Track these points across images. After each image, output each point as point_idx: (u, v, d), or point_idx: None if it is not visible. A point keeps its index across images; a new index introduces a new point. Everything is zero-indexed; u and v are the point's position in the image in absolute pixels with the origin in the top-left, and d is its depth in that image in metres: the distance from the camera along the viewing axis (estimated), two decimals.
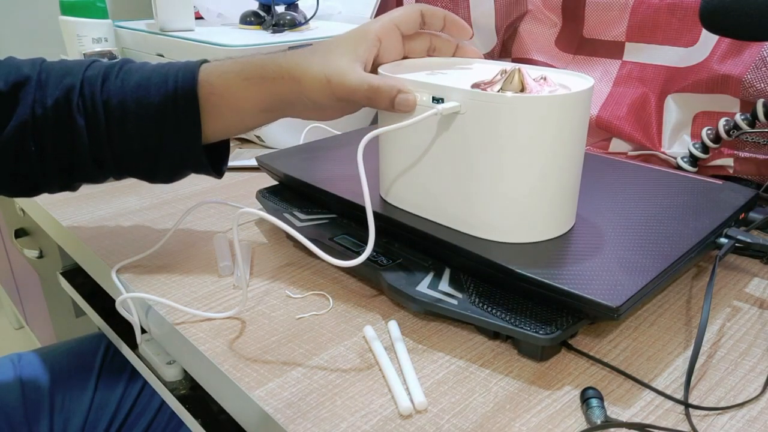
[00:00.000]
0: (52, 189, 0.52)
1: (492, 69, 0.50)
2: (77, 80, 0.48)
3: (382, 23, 0.49)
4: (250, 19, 0.96)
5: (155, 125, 0.48)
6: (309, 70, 0.47)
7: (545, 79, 0.45)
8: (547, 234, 0.46)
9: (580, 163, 0.46)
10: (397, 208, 0.51)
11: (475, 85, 0.45)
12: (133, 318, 0.50)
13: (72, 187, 0.53)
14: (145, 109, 0.48)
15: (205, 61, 0.51)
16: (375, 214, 0.51)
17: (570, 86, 0.45)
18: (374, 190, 0.54)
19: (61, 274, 0.78)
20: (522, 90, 0.43)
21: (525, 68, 0.45)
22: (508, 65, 0.47)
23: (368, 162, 0.53)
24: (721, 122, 0.65)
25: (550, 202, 0.45)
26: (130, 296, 0.49)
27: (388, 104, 0.46)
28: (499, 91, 0.43)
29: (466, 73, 0.50)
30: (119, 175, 0.53)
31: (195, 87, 0.48)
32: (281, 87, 0.48)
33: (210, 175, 0.53)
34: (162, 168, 0.51)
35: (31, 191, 0.52)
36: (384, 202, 0.52)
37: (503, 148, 0.43)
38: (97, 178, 0.52)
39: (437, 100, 0.44)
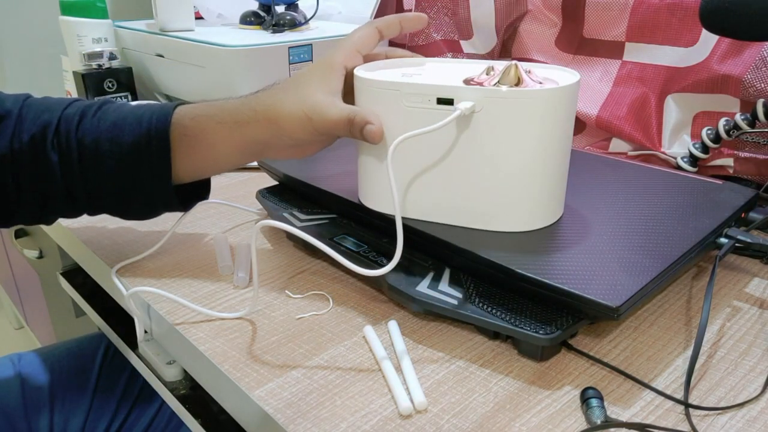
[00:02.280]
0: (26, 221, 0.53)
1: (458, 67, 0.51)
2: (55, 117, 0.49)
3: (344, 52, 0.49)
4: (250, 19, 0.96)
5: (127, 165, 0.49)
6: (285, 110, 0.47)
7: (530, 72, 0.46)
8: (551, 218, 0.48)
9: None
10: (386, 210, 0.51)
11: (465, 82, 0.45)
12: (140, 313, 0.51)
13: (46, 220, 0.53)
14: (118, 148, 0.48)
15: (182, 103, 0.51)
16: (375, 214, 0.51)
17: (553, 78, 0.47)
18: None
19: (61, 274, 0.78)
20: (518, 84, 0.43)
21: (505, 64, 0.45)
22: (481, 62, 0.49)
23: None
24: (721, 122, 0.65)
25: (559, 186, 0.48)
26: (140, 290, 0.49)
27: (359, 134, 0.46)
28: (495, 85, 0.44)
29: (441, 72, 0.50)
30: (92, 212, 0.53)
31: (167, 128, 0.48)
32: (256, 130, 0.48)
33: (181, 211, 0.54)
34: (134, 207, 0.52)
35: (6, 222, 0.52)
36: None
37: (522, 140, 0.44)
38: (71, 213, 0.53)
39: (444, 101, 0.44)
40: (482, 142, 0.44)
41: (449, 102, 0.44)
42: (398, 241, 0.43)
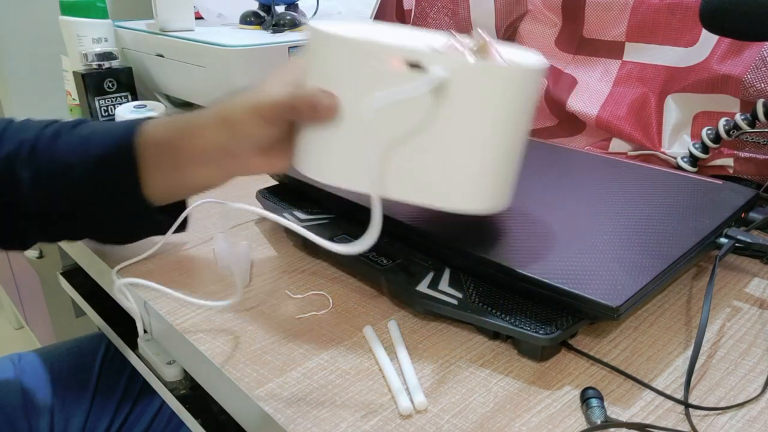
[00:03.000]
0: (1, 245, 0.51)
1: (422, 35, 0.48)
2: (32, 136, 0.48)
3: None
4: (250, 19, 0.96)
5: (95, 174, 0.47)
6: (236, 106, 0.45)
7: (496, 49, 0.44)
8: (501, 202, 0.44)
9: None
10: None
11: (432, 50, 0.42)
12: (131, 305, 0.50)
13: (21, 244, 0.52)
14: (85, 158, 0.47)
15: (152, 118, 0.50)
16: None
17: (519, 61, 0.44)
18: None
19: (61, 274, 0.78)
20: (485, 58, 0.42)
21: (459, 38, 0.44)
22: (447, 33, 0.46)
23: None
24: (721, 122, 0.65)
25: (512, 170, 0.44)
26: (127, 281, 0.49)
27: (309, 109, 0.42)
28: (465, 55, 0.42)
29: (407, 38, 0.47)
30: (69, 234, 0.51)
31: (133, 137, 0.47)
32: (212, 132, 0.46)
33: (159, 234, 0.53)
34: (108, 224, 0.50)
35: None
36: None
37: (482, 115, 0.40)
38: (47, 236, 0.51)
39: (414, 66, 0.40)
40: (444, 114, 0.40)
41: (418, 67, 0.40)
42: (374, 217, 0.39)
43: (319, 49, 0.43)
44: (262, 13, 0.95)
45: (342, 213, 0.56)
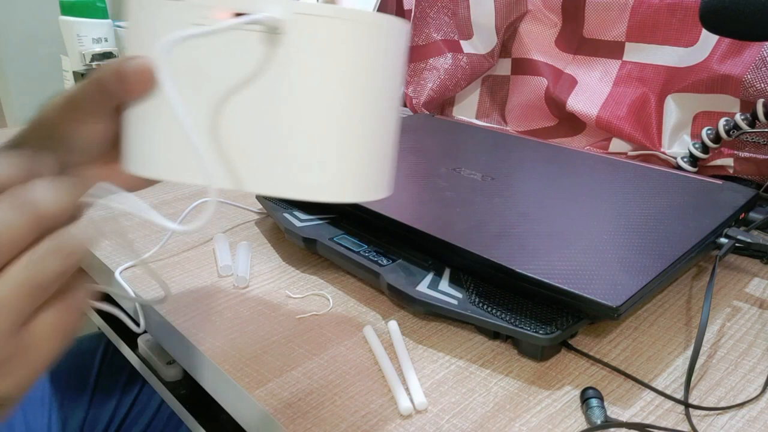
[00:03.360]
0: None
1: None
2: None
3: None
4: None
5: None
6: (50, 103, 0.36)
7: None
8: (376, 190, 0.35)
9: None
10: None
11: None
12: (107, 308, 0.50)
13: None
14: None
15: None
16: (373, 213, 0.51)
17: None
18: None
19: None
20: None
21: None
22: None
23: None
24: (721, 122, 0.65)
25: (383, 147, 0.35)
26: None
27: (117, 80, 0.33)
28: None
29: None
30: None
31: None
32: (34, 145, 0.36)
33: None
34: None
35: None
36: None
37: (337, 75, 0.32)
38: None
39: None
40: (279, 75, 0.32)
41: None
42: (210, 202, 0.32)
43: (134, 17, 0.34)
44: None
45: (342, 213, 0.56)
